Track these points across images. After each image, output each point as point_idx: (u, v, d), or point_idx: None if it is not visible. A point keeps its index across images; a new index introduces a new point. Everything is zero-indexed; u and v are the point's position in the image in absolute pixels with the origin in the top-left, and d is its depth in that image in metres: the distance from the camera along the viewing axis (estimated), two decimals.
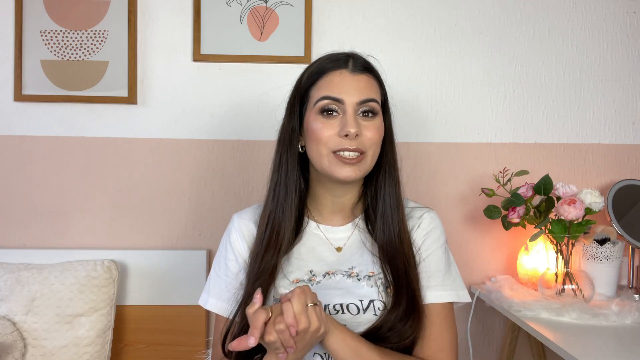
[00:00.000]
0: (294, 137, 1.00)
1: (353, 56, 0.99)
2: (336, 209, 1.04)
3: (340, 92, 0.94)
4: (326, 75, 0.97)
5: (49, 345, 1.37)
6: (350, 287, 0.97)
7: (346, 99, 0.94)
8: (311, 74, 0.99)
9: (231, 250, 1.03)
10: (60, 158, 1.60)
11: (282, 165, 1.00)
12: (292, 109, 1.01)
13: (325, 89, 0.95)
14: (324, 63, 0.99)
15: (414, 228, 1.02)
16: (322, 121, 0.95)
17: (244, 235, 1.03)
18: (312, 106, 0.97)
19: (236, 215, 1.07)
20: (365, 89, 0.96)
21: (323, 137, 0.94)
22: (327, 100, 0.95)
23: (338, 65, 0.97)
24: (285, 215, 0.99)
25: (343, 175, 0.94)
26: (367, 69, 0.98)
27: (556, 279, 1.39)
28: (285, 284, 0.98)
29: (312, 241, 1.02)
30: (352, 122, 0.93)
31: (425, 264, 1.00)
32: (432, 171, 1.64)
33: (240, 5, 1.59)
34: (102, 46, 1.58)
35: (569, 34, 1.65)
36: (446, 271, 1.02)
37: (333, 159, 0.94)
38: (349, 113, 0.94)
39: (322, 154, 0.95)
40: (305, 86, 1.00)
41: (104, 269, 1.45)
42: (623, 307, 1.29)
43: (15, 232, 1.59)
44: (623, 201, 1.55)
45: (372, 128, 0.95)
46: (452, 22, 1.64)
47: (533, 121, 1.65)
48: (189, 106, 1.61)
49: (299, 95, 1.00)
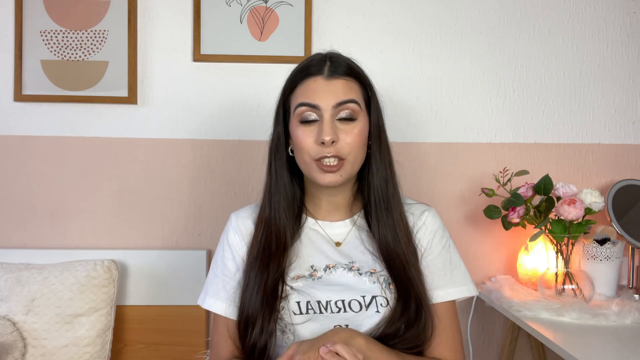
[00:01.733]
0: (280, 144, 1.01)
1: (331, 58, 0.98)
2: (332, 207, 1.04)
3: (314, 98, 0.94)
4: (303, 81, 0.97)
5: (49, 345, 1.37)
6: (351, 283, 0.97)
7: (322, 104, 0.94)
8: (290, 81, 1.00)
9: (229, 249, 1.04)
10: (60, 158, 1.60)
11: (272, 171, 1.02)
12: (277, 116, 1.02)
13: (302, 96, 0.96)
14: (301, 69, 0.99)
15: (415, 226, 1.03)
16: (302, 129, 0.95)
17: (242, 233, 1.04)
18: (292, 113, 0.98)
19: (234, 214, 1.07)
20: (342, 92, 0.95)
21: (304, 145, 0.95)
22: (303, 106, 0.95)
23: (315, 70, 0.97)
24: (282, 221, 0.99)
25: (325, 182, 0.95)
26: (345, 72, 0.97)
27: (556, 279, 1.39)
28: (286, 280, 0.97)
29: (310, 237, 1.03)
30: (327, 129, 0.92)
31: (433, 264, 1.01)
32: (432, 171, 1.64)
33: (240, 5, 1.59)
34: (102, 46, 1.58)
35: (569, 34, 1.65)
36: (454, 267, 1.02)
37: (315, 166, 0.95)
38: (326, 119, 0.94)
39: (306, 161, 0.96)
40: (286, 93, 1.01)
41: (104, 269, 1.45)
42: (623, 307, 1.29)
43: (15, 232, 1.59)
44: (623, 201, 1.55)
45: (352, 132, 0.95)
46: (452, 22, 1.64)
47: (533, 121, 1.65)
48: (189, 106, 1.61)
49: (282, 103, 1.01)
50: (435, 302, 0.99)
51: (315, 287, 0.96)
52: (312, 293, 0.95)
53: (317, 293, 0.95)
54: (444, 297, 1.00)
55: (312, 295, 0.95)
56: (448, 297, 1.00)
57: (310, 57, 1.01)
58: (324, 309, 0.94)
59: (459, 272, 1.03)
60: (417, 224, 1.03)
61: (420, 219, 1.03)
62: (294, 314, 0.94)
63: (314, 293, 0.95)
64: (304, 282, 0.97)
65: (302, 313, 0.94)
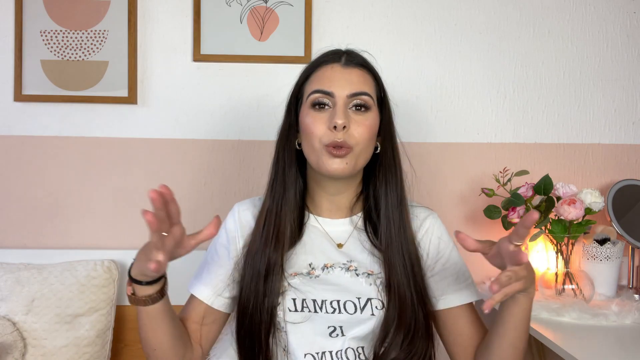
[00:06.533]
0: (291, 133, 1.00)
1: (348, 51, 1.00)
2: (333, 207, 1.03)
3: (330, 85, 0.94)
4: (318, 69, 0.97)
5: (49, 345, 1.37)
6: (348, 283, 0.96)
7: (336, 92, 0.93)
8: (305, 70, 1.00)
9: (225, 235, 1.04)
10: (60, 158, 1.60)
11: (279, 161, 1.01)
12: (289, 107, 1.02)
13: (317, 83, 0.95)
14: (318, 59, 1.00)
15: (419, 230, 1.02)
16: (314, 115, 0.94)
17: (240, 224, 1.04)
18: (305, 100, 0.97)
19: (237, 204, 1.08)
20: (358, 82, 0.95)
21: (314, 130, 0.93)
22: (317, 93, 0.94)
23: (331, 59, 0.97)
24: (284, 212, 0.98)
25: (332, 167, 0.93)
26: (361, 64, 0.98)
27: (556, 279, 1.39)
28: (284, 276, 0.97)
29: (311, 234, 1.02)
30: (340, 113, 0.92)
31: (446, 270, 1.01)
32: (432, 171, 1.64)
33: (240, 5, 1.59)
34: (102, 46, 1.58)
35: (569, 34, 1.65)
36: (464, 270, 1.03)
37: (324, 151, 0.93)
38: (339, 105, 0.93)
39: (315, 147, 0.94)
40: (299, 82, 1.01)
41: (104, 269, 1.45)
42: (623, 307, 1.29)
43: (15, 232, 1.59)
44: (623, 201, 1.55)
45: (363, 123, 0.94)
46: (452, 22, 1.63)
47: (533, 121, 1.65)
48: (189, 106, 1.61)
49: (295, 93, 1.01)
50: (453, 305, 0.99)
51: (312, 286, 0.95)
52: (308, 291, 0.95)
53: (313, 292, 0.95)
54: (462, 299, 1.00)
55: (308, 294, 0.95)
56: (465, 300, 1.00)
57: (327, 50, 1.01)
58: (319, 308, 0.94)
59: (466, 275, 1.03)
60: (421, 228, 1.03)
61: (424, 224, 1.03)
62: (289, 310, 0.94)
63: (311, 291, 0.95)
64: (301, 279, 0.96)
65: (297, 310, 0.94)
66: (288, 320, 0.94)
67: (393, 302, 0.94)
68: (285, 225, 0.98)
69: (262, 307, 0.94)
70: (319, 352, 0.93)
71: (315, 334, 0.93)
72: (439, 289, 1.00)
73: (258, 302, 0.94)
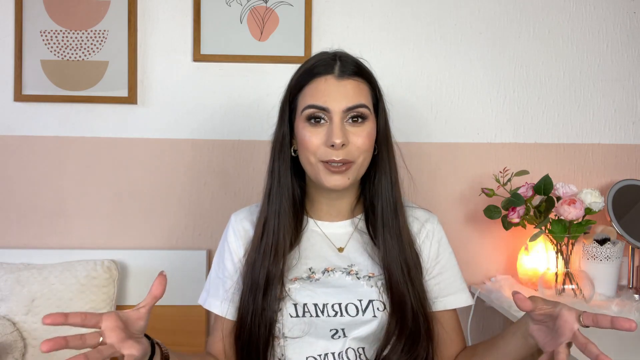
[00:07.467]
0: (285, 143, 0.98)
1: (341, 58, 0.96)
2: (333, 211, 1.02)
3: (325, 101, 0.92)
4: (312, 81, 0.94)
5: None
6: (349, 286, 0.96)
7: (332, 107, 0.91)
8: (298, 80, 0.97)
9: (228, 250, 1.03)
10: (60, 158, 1.60)
11: (274, 172, 0.99)
12: (282, 115, 0.99)
13: (311, 97, 0.93)
14: (310, 67, 0.96)
15: (420, 233, 1.02)
16: (310, 130, 0.93)
17: (239, 235, 1.03)
18: (299, 113, 0.95)
19: (233, 215, 1.07)
20: (353, 95, 0.93)
21: (311, 146, 0.92)
22: (312, 109, 0.92)
23: (324, 70, 0.94)
24: (282, 224, 0.97)
25: (332, 184, 0.92)
26: (356, 72, 0.95)
27: (556, 279, 1.39)
28: (284, 282, 0.97)
29: (310, 239, 1.01)
30: (337, 132, 0.90)
31: (441, 273, 1.01)
32: (432, 171, 1.64)
33: (240, 5, 1.59)
34: (102, 46, 1.58)
35: (569, 34, 1.65)
36: (459, 274, 1.04)
37: (322, 167, 0.92)
38: (336, 122, 0.91)
39: (312, 162, 0.93)
40: (293, 92, 0.97)
41: (104, 269, 1.45)
42: (623, 307, 1.29)
43: (15, 232, 1.59)
44: (623, 201, 1.55)
45: (362, 134, 0.93)
46: (452, 22, 1.64)
47: (533, 121, 1.65)
48: (189, 106, 1.61)
49: (288, 102, 0.98)
50: (450, 307, 1.00)
51: (312, 290, 0.95)
52: (309, 295, 0.94)
53: (314, 295, 0.94)
54: (459, 302, 1.01)
55: (309, 298, 0.94)
56: (461, 303, 1.01)
57: (317, 55, 0.98)
58: (320, 312, 0.93)
59: (462, 279, 1.04)
60: (421, 231, 1.02)
61: (424, 227, 1.03)
62: (290, 316, 0.93)
63: (311, 295, 0.94)
64: (302, 283, 0.96)
65: (298, 316, 0.93)
66: (288, 336, 0.93)
67: (394, 305, 0.94)
68: (285, 237, 0.97)
69: (261, 321, 0.93)
70: (320, 354, 0.93)
71: (317, 338, 0.93)
72: (434, 292, 1.01)
73: (256, 315, 0.94)
